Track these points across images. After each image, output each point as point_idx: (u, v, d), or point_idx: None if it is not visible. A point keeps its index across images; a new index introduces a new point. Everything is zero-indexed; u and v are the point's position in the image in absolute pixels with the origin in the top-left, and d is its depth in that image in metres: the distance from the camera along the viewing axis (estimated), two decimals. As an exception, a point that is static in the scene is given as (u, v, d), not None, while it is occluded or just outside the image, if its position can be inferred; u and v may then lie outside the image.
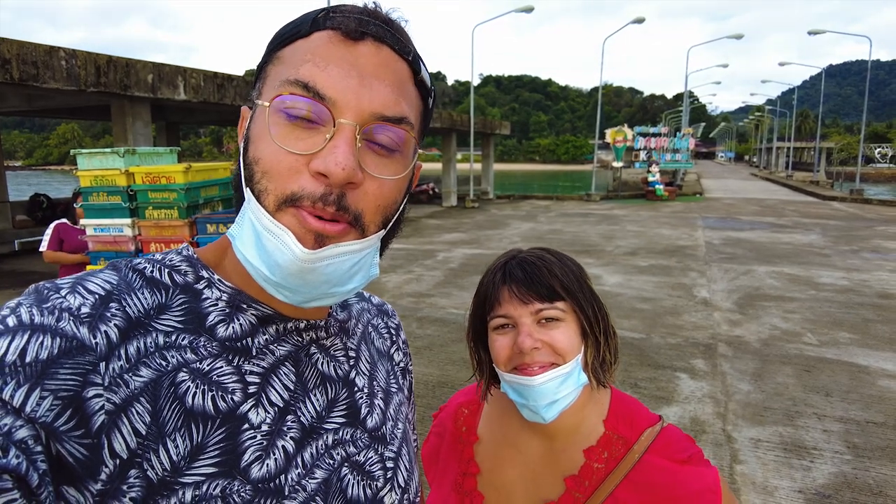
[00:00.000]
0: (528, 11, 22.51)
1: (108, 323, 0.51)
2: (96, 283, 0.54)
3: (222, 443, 0.54)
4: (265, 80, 0.58)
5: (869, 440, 3.78)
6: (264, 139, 0.55)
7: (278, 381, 0.60)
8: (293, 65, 0.55)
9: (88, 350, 0.49)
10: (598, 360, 0.97)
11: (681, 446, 0.95)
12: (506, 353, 0.94)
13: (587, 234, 13.75)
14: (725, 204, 22.10)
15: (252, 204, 0.55)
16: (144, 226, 4.61)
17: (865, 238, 13.05)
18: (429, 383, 4.72)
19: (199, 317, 0.58)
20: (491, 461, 1.05)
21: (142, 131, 9.48)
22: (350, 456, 0.65)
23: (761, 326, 6.27)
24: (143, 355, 0.52)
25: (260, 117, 0.56)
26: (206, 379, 0.55)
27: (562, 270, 0.96)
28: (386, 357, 0.80)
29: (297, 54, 0.56)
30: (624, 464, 0.94)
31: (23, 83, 7.49)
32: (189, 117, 16.51)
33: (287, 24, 0.60)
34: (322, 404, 0.64)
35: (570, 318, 0.95)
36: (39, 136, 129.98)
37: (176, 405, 0.52)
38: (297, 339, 0.64)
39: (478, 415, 1.12)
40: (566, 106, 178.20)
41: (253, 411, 0.57)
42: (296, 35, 0.57)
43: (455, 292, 7.82)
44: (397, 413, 0.75)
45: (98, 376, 0.49)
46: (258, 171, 0.55)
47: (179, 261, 0.61)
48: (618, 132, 27.01)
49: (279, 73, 0.56)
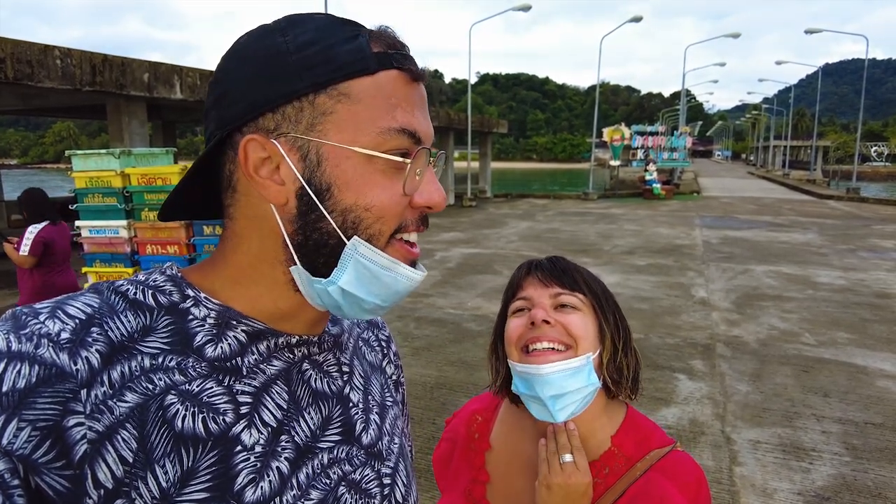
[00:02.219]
0: (526, 10, 22.51)
1: (89, 348, 0.49)
2: (77, 307, 0.52)
3: (214, 466, 0.52)
4: (327, 116, 0.54)
5: (868, 441, 3.78)
6: (378, 185, 0.55)
7: (271, 401, 0.58)
8: (383, 109, 0.55)
9: (69, 377, 0.47)
10: (613, 366, 0.96)
11: (687, 470, 0.93)
12: (518, 331, 0.95)
13: (585, 233, 13.75)
14: (723, 203, 22.14)
15: (363, 249, 0.56)
16: (140, 227, 4.59)
17: (862, 237, 13.08)
18: (426, 384, 4.70)
19: (187, 337, 0.56)
20: (501, 470, 1.05)
21: (138, 130, 9.44)
22: (346, 475, 0.63)
23: (759, 326, 6.27)
24: (127, 380, 0.50)
25: (351, 162, 0.54)
26: (195, 400, 0.53)
27: (587, 274, 1.01)
28: (379, 370, 0.78)
29: (377, 97, 0.54)
30: (623, 481, 0.93)
31: (17, 82, 7.45)
32: (186, 116, 16.45)
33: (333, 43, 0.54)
34: (316, 422, 0.62)
35: (588, 311, 0.96)
36: (35, 135, 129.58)
37: (164, 429, 0.51)
38: (288, 356, 0.62)
39: (491, 423, 1.11)
40: (563, 104, 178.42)
41: (245, 432, 0.55)
42: (361, 71, 0.54)
43: (453, 292, 7.80)
44: (393, 427, 0.73)
45: (79, 404, 0.47)
46: (371, 216, 0.55)
47: (163, 281, 0.58)
48: (615, 131, 27.03)
49: (362, 115, 0.54)
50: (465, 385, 4.66)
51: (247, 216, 0.58)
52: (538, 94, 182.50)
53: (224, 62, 0.57)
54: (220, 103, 0.56)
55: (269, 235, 0.57)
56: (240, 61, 0.56)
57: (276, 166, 0.55)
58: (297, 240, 0.56)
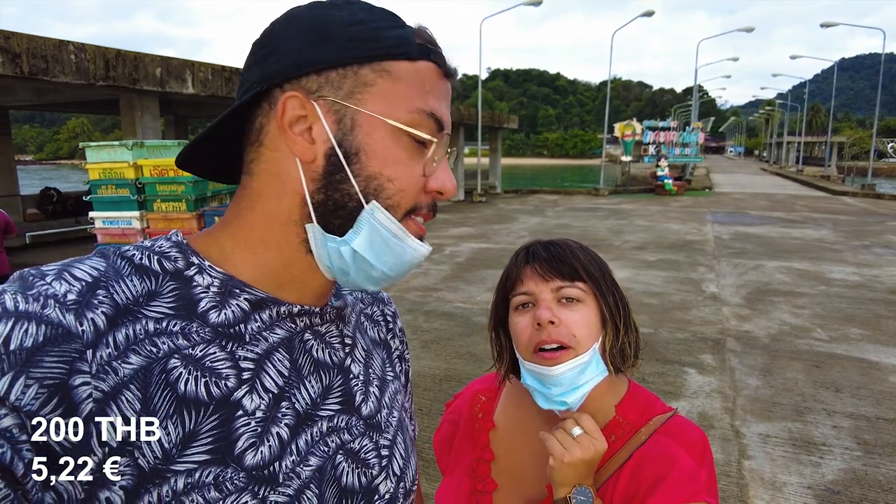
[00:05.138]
0: (537, 5, 22.38)
1: (95, 310, 0.50)
2: (83, 269, 0.53)
3: (216, 429, 0.53)
4: (368, 87, 0.57)
5: (879, 436, 3.74)
6: (401, 161, 0.59)
7: (272, 367, 0.59)
8: (417, 92, 0.59)
9: (75, 337, 0.48)
10: (616, 348, 0.97)
11: (691, 431, 0.94)
12: (527, 333, 0.95)
13: (595, 228, 13.69)
14: (735, 199, 21.94)
15: (380, 214, 0.58)
16: (153, 218, 4.64)
17: (877, 233, 12.92)
18: (436, 377, 4.72)
19: (191, 303, 0.57)
20: (506, 448, 1.05)
21: (150, 125, 9.53)
22: (345, 443, 0.64)
23: (770, 322, 6.22)
24: (132, 342, 0.51)
25: (381, 133, 0.58)
26: (198, 365, 0.54)
27: (584, 255, 1.00)
28: (381, 345, 0.79)
29: (415, 80, 0.59)
30: (629, 445, 0.94)
31: (33, 77, 7.54)
32: (198, 111, 16.56)
33: (382, 26, 0.58)
34: (317, 391, 0.63)
35: (590, 300, 0.96)
36: (50, 131, 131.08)
37: (167, 392, 0.52)
38: (290, 325, 0.63)
39: (495, 402, 1.12)
40: (574, 100, 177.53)
41: (247, 397, 0.56)
42: (405, 55, 0.58)
43: (462, 286, 7.81)
44: (392, 401, 0.74)
45: (85, 364, 0.48)
46: (392, 188, 0.58)
47: (169, 247, 0.59)
48: (627, 126, 26.86)
49: (400, 93, 0.58)
50: (474, 377, 4.62)
51: (269, 171, 0.60)
52: (549, 90, 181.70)
53: (275, 24, 0.60)
54: (266, 60, 0.58)
55: (288, 193, 0.59)
56: (294, 24, 0.59)
57: (310, 127, 0.58)
58: (317, 198, 0.58)
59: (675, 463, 0.88)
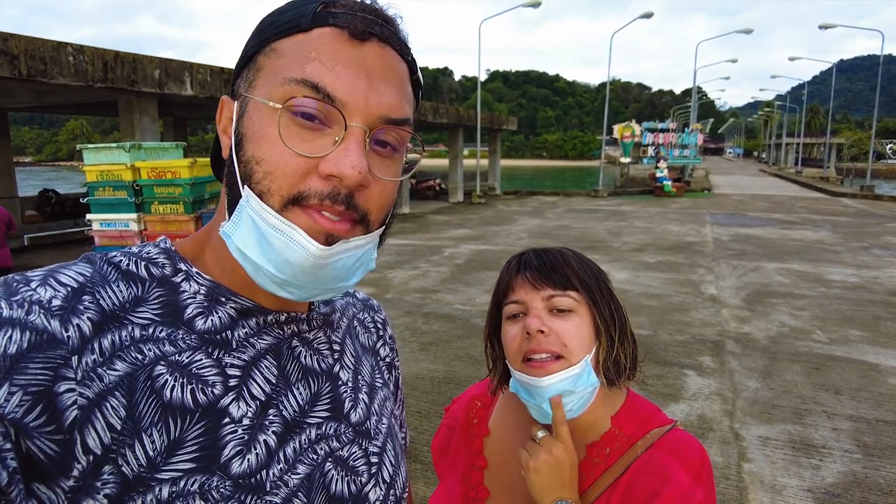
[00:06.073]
0: (536, 6, 22.39)
1: (80, 316, 0.49)
2: (69, 275, 0.52)
3: (201, 437, 0.52)
4: (258, 72, 0.55)
5: (879, 439, 3.73)
6: (268, 139, 0.53)
7: (259, 375, 0.58)
8: (296, 62, 0.53)
9: (60, 344, 0.47)
10: (610, 360, 0.95)
11: (689, 447, 0.91)
12: (516, 342, 0.93)
13: (595, 230, 13.69)
14: (734, 200, 21.95)
15: (254, 202, 0.53)
16: (150, 220, 4.63)
17: (876, 235, 12.92)
18: (434, 379, 4.70)
19: (177, 309, 0.56)
20: (499, 456, 1.04)
21: (149, 127, 9.51)
22: (333, 451, 0.63)
23: (770, 323, 6.21)
24: (117, 349, 0.50)
25: (258, 114, 0.54)
26: (184, 371, 0.53)
27: (578, 264, 0.97)
28: (371, 352, 0.78)
29: (300, 50, 0.53)
30: (625, 458, 0.92)
31: (31, 79, 7.53)
32: (196, 113, 16.55)
33: (278, 11, 0.57)
34: (305, 398, 0.62)
35: (583, 311, 0.93)
36: (49, 133, 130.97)
37: (153, 399, 0.51)
38: (277, 332, 0.62)
39: (490, 408, 1.10)
40: (574, 101, 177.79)
41: (234, 405, 0.55)
42: (294, 28, 0.54)
43: (461, 288, 7.80)
44: (382, 408, 0.73)
45: (70, 370, 0.47)
46: (259, 171, 0.53)
47: (157, 253, 0.59)
48: (626, 128, 26.89)
49: (278, 67, 0.54)
50: (473, 379, 4.65)
51: (227, 175, 0.60)
52: (548, 92, 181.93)
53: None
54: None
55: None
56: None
57: None
58: (229, 196, 0.58)
59: (669, 480, 0.86)
